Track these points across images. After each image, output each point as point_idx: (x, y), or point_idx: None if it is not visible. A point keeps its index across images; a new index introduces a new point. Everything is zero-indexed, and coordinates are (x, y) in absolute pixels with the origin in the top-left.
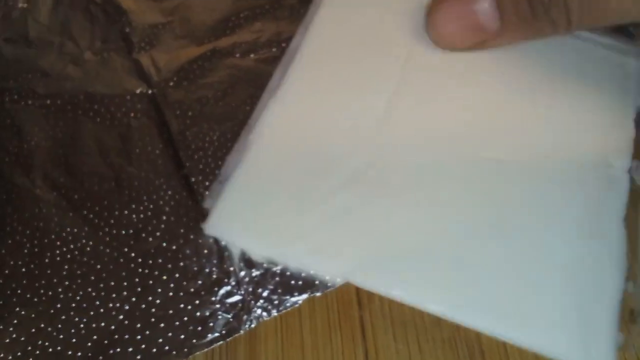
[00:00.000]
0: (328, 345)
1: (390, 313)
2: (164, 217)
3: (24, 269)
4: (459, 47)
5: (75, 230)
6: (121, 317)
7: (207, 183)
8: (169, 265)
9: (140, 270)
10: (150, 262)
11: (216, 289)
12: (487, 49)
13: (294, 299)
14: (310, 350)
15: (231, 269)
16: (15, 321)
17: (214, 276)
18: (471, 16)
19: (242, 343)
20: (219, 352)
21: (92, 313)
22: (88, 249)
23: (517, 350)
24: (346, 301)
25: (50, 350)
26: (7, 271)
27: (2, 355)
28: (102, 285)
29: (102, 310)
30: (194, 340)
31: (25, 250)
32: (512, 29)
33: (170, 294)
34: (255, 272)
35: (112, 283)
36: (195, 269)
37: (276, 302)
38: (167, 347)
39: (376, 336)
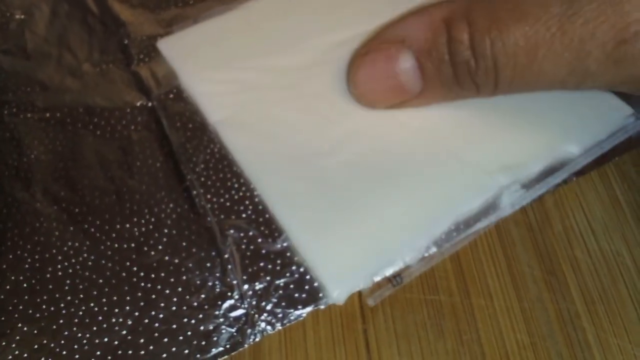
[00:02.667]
0: (332, 359)
1: (394, 326)
2: (166, 231)
3: (25, 285)
4: (379, 106)
5: (77, 244)
6: (124, 332)
7: (208, 196)
8: (172, 279)
9: (142, 284)
10: (153, 276)
11: (220, 302)
12: (408, 108)
13: (297, 312)
14: None
15: (234, 282)
16: (18, 337)
17: (217, 290)
18: (393, 77)
19: (246, 358)
20: None
21: (94, 328)
22: (90, 263)
23: None
24: (350, 314)
25: None
26: (8, 287)
27: None
28: (104, 300)
29: (105, 325)
30: (198, 355)
31: (27, 265)
32: (434, 92)
33: (174, 308)
34: (258, 286)
35: (115, 298)
36: (198, 282)
37: (280, 315)
38: None
39: (380, 349)
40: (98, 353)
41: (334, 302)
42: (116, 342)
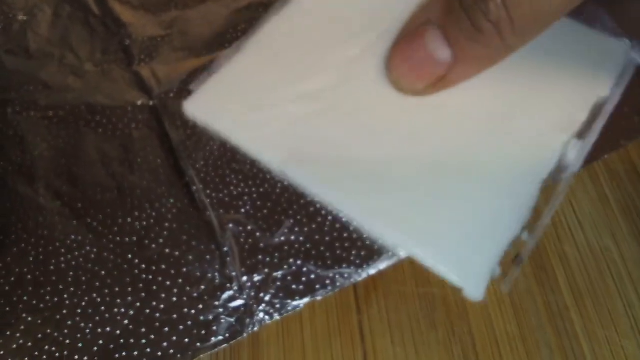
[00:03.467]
0: (328, 349)
1: (387, 317)
2: (167, 225)
3: (29, 276)
4: (418, 88)
5: (80, 238)
6: (126, 322)
7: (208, 191)
8: (172, 271)
9: (144, 276)
10: (154, 268)
11: (219, 293)
12: (450, 87)
13: (295, 303)
14: (312, 354)
15: (233, 274)
16: (22, 327)
17: (217, 281)
18: (424, 52)
19: (245, 347)
20: (224, 357)
21: (97, 318)
22: (92, 256)
23: (510, 351)
24: (345, 306)
25: (57, 355)
26: (13, 279)
27: None
28: (106, 291)
29: (107, 315)
30: (198, 344)
31: (31, 258)
32: (463, 56)
33: (174, 299)
34: (257, 277)
35: (117, 289)
36: (198, 274)
37: (278, 306)
38: (171, 351)
39: (375, 340)
40: (100, 342)
41: (476, 300)
42: (118, 332)
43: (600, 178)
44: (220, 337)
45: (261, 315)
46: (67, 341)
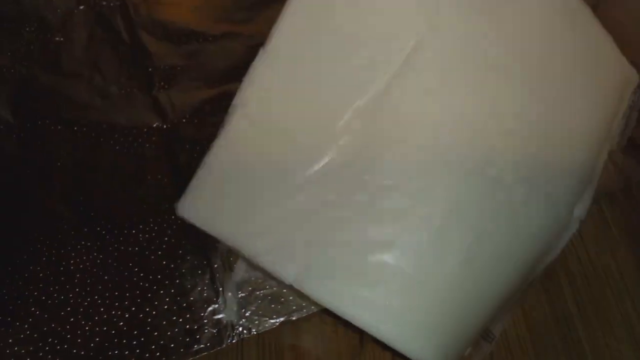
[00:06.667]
0: None
1: None
2: (166, 239)
3: (41, 275)
4: None
5: (89, 244)
6: (121, 323)
7: None
8: (167, 282)
9: (141, 284)
10: (151, 277)
11: (205, 305)
12: None
13: (272, 321)
14: None
15: (220, 289)
16: (31, 320)
17: (205, 294)
18: None
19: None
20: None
21: (96, 318)
22: (98, 261)
23: (520, 352)
24: None
25: (58, 348)
26: (26, 275)
27: (16, 348)
28: (107, 294)
29: (105, 316)
30: (182, 350)
31: (44, 259)
32: None
33: (166, 307)
34: (241, 294)
35: (116, 293)
36: (189, 286)
37: (257, 322)
38: (158, 354)
39: None
40: (97, 339)
41: None
42: (113, 332)
43: (601, 203)
44: (202, 346)
45: (240, 329)
46: (68, 336)
